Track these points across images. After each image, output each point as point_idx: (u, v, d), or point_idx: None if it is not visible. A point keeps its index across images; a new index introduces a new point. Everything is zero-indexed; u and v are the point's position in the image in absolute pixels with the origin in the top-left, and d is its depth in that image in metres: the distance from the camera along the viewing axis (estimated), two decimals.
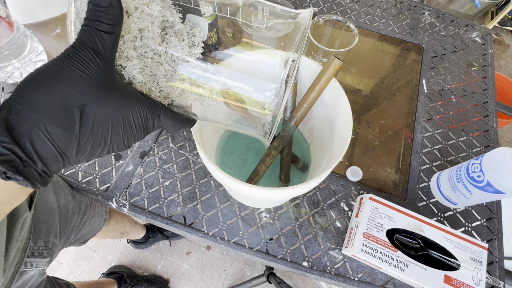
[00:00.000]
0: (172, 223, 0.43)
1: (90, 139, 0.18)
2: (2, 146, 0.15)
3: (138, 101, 0.20)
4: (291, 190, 0.28)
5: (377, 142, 0.54)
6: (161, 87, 0.22)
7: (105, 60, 0.18)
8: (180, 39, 0.21)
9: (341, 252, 0.43)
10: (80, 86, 0.17)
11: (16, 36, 0.49)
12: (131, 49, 0.20)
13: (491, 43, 0.67)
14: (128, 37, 0.20)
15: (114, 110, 0.18)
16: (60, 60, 0.17)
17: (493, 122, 0.55)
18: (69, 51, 0.17)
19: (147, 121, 0.20)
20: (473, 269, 0.36)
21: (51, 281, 0.55)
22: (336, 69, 0.31)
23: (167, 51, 0.21)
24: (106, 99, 0.18)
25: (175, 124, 0.23)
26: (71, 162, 0.18)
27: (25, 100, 0.16)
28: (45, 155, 0.17)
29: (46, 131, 0.16)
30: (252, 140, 0.51)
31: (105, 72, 0.18)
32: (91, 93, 0.17)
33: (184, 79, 0.22)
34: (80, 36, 0.17)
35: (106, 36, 0.18)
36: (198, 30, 0.22)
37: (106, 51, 0.18)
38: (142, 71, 0.21)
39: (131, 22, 0.20)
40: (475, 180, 0.39)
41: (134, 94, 0.20)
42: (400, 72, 0.63)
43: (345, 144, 0.30)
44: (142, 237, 1.00)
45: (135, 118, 0.20)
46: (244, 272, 1.05)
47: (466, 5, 1.49)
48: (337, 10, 0.71)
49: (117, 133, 0.19)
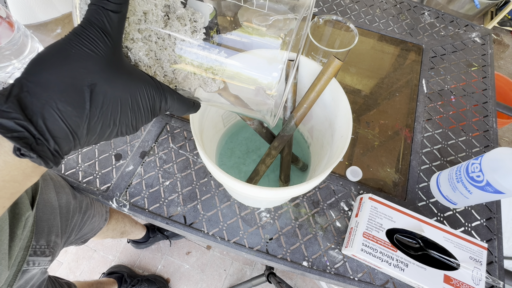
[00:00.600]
0: (172, 223, 0.43)
1: (100, 119, 0.18)
2: (16, 123, 0.15)
3: (146, 82, 0.20)
4: (291, 190, 0.28)
5: (377, 142, 0.54)
6: (165, 72, 0.22)
7: (112, 40, 0.18)
8: (182, 24, 0.21)
9: (341, 252, 0.43)
10: (89, 65, 0.17)
11: (16, 36, 0.49)
12: (136, 31, 0.20)
13: (490, 43, 0.67)
14: (133, 19, 0.20)
15: (122, 90, 0.18)
16: (69, 38, 0.17)
17: (492, 122, 0.55)
18: (77, 30, 0.17)
19: (154, 103, 0.21)
20: (473, 269, 0.36)
21: (52, 280, 0.55)
22: (336, 69, 0.31)
23: (170, 35, 0.21)
24: (115, 79, 0.18)
25: (181, 107, 0.23)
26: (81, 142, 0.18)
27: (37, 78, 0.16)
28: (57, 134, 0.17)
29: (57, 109, 0.16)
30: (252, 140, 0.51)
31: (113, 52, 0.18)
32: (100, 72, 0.17)
33: (187, 64, 0.22)
34: (88, 15, 0.18)
35: (113, 15, 0.18)
36: (200, 15, 0.22)
37: (114, 30, 0.18)
38: (147, 54, 0.21)
39: (136, 4, 0.20)
40: (474, 180, 0.39)
41: (141, 76, 0.20)
42: (400, 72, 0.63)
43: (345, 144, 0.30)
44: (143, 237, 1.00)
45: (143, 99, 0.20)
46: (244, 272, 1.05)
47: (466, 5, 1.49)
48: (337, 10, 0.71)
49: (125, 113, 0.19)
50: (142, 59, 0.21)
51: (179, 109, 0.23)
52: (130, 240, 1.04)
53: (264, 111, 0.25)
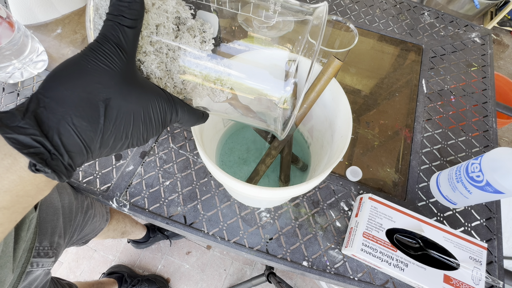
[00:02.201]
0: (172, 223, 0.43)
1: (113, 133, 0.18)
2: (32, 138, 0.16)
3: (158, 96, 0.20)
4: (291, 190, 0.28)
5: (377, 142, 0.54)
6: (175, 83, 0.23)
7: (127, 54, 0.18)
8: (192, 35, 0.22)
9: (341, 251, 0.43)
10: (104, 80, 0.17)
11: (16, 36, 0.49)
12: (148, 44, 0.21)
13: (490, 44, 0.67)
14: (146, 32, 0.20)
15: (135, 103, 0.19)
16: (85, 54, 0.17)
17: (492, 122, 0.55)
18: (93, 46, 0.18)
19: (165, 116, 0.21)
20: (473, 268, 0.36)
21: (54, 281, 0.55)
22: (336, 69, 0.32)
23: (180, 47, 0.21)
24: (128, 93, 0.18)
25: (191, 119, 0.23)
26: (94, 155, 0.19)
27: (53, 93, 0.16)
28: (71, 148, 0.17)
29: (73, 124, 0.17)
30: (252, 140, 0.52)
31: (127, 66, 0.18)
32: (115, 86, 0.18)
33: (196, 75, 0.22)
34: (104, 31, 0.18)
35: (128, 31, 0.18)
36: (209, 26, 0.22)
37: (129, 45, 0.18)
38: (159, 66, 0.21)
39: (149, 18, 0.20)
40: (474, 180, 0.39)
41: (154, 89, 0.20)
42: (400, 72, 0.63)
43: (345, 144, 0.30)
44: (143, 237, 1.00)
45: (154, 112, 0.20)
46: (244, 271, 1.05)
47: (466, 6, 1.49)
48: (337, 10, 0.71)
49: (137, 127, 0.19)
50: (154, 72, 0.21)
51: (189, 120, 0.23)
52: (130, 240, 1.04)
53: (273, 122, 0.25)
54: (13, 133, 0.15)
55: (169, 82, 0.22)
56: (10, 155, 0.16)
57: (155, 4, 0.20)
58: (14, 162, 0.16)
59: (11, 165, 0.16)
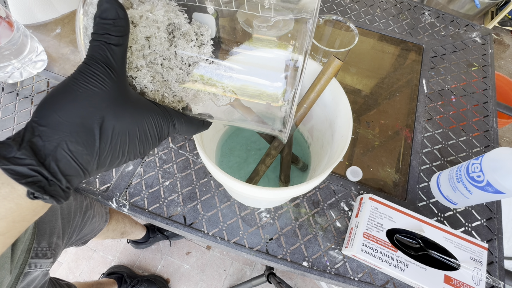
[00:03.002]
0: (172, 223, 0.43)
1: (109, 153, 0.18)
2: (30, 168, 0.16)
3: (152, 112, 0.20)
4: (291, 190, 0.28)
5: (377, 142, 0.54)
6: (174, 92, 0.22)
7: (117, 73, 0.18)
8: (188, 40, 0.21)
9: (341, 252, 0.43)
10: (96, 102, 0.17)
11: (16, 36, 0.49)
12: (140, 59, 0.20)
13: (491, 43, 0.67)
14: (136, 47, 0.20)
15: (130, 122, 0.19)
16: (74, 78, 0.17)
17: (493, 122, 0.55)
18: (82, 68, 0.18)
19: (161, 130, 0.21)
20: (473, 269, 0.36)
21: (53, 282, 0.55)
22: (336, 69, 0.31)
23: (176, 55, 0.21)
24: (122, 112, 0.18)
25: (190, 129, 0.23)
26: (91, 175, 0.19)
27: (46, 121, 0.17)
28: (69, 172, 0.17)
29: (69, 150, 0.17)
30: (252, 140, 0.51)
31: (118, 85, 0.18)
32: (107, 108, 0.18)
33: (197, 80, 0.22)
34: (91, 51, 0.18)
35: (116, 49, 0.18)
36: (206, 28, 0.22)
37: (118, 63, 0.18)
38: (153, 79, 0.21)
39: (137, 32, 0.19)
40: (475, 180, 0.39)
41: (147, 105, 0.20)
42: (400, 72, 0.63)
43: (345, 144, 0.30)
44: (142, 237, 1.00)
45: (150, 128, 0.20)
46: (244, 272, 1.05)
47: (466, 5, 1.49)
48: (337, 10, 0.71)
49: (133, 144, 0.19)
50: (148, 86, 0.21)
51: (188, 130, 0.23)
52: (130, 240, 1.04)
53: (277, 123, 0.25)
54: (10, 165, 0.16)
55: (167, 92, 0.22)
56: (8, 184, 0.16)
57: (143, 16, 0.19)
58: (11, 191, 0.16)
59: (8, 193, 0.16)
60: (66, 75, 0.57)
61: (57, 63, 0.59)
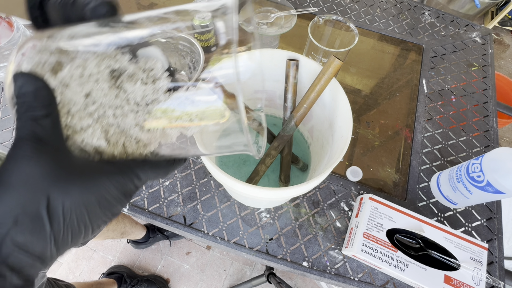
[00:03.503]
0: (172, 223, 0.43)
1: (67, 232, 0.17)
2: None
3: (107, 174, 0.18)
4: (291, 190, 0.28)
5: (377, 142, 0.54)
6: (136, 138, 0.20)
7: (51, 146, 0.16)
8: (137, 80, 0.19)
9: (341, 252, 0.43)
10: (35, 185, 0.16)
11: (16, 36, 0.49)
12: (85, 118, 0.18)
13: (491, 43, 0.67)
14: (75, 108, 0.18)
15: (81, 193, 0.17)
16: (4, 166, 0.16)
17: (493, 122, 0.55)
18: (10, 153, 0.16)
19: (124, 188, 0.19)
20: (473, 269, 0.36)
21: (51, 283, 0.55)
22: (336, 69, 0.31)
23: (128, 99, 0.19)
24: (68, 186, 0.17)
25: (159, 173, 0.21)
26: (54, 258, 0.17)
27: None
28: (22, 266, 0.16)
29: (17, 243, 0.15)
30: (252, 140, 0.51)
31: (56, 158, 0.17)
32: (50, 186, 0.16)
33: (160, 117, 0.20)
34: (17, 132, 0.16)
35: (43, 121, 0.16)
36: (154, 62, 0.20)
37: (50, 135, 0.16)
38: (105, 134, 0.19)
39: (72, 93, 0.17)
40: (475, 180, 0.39)
41: (98, 168, 0.18)
42: (400, 72, 0.63)
43: (345, 144, 0.30)
44: (142, 237, 1.00)
45: (109, 192, 0.18)
46: (244, 272, 1.05)
47: (466, 5, 1.49)
48: (337, 10, 0.71)
49: (95, 214, 0.18)
50: (100, 143, 0.19)
51: (156, 176, 0.21)
52: (130, 240, 1.04)
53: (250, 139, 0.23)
54: None
55: (129, 141, 0.20)
56: None
57: (74, 74, 0.18)
58: None
59: None
60: None
61: None
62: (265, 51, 0.36)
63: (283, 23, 0.53)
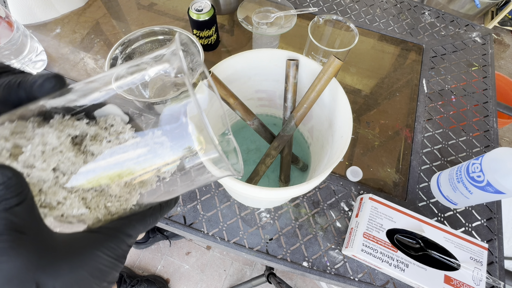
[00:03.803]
0: (172, 223, 0.43)
1: None
2: None
3: (95, 244, 0.17)
4: (291, 190, 0.28)
5: (377, 142, 0.54)
6: (116, 195, 0.20)
7: (31, 230, 0.16)
8: (101, 140, 0.19)
9: (341, 252, 0.43)
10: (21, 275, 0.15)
11: (16, 36, 0.49)
12: (59, 191, 0.18)
13: (491, 43, 0.67)
14: (46, 185, 0.17)
15: (72, 272, 0.16)
16: None
17: (493, 122, 0.55)
18: None
19: (116, 251, 0.18)
20: (473, 269, 0.36)
21: None
22: (336, 69, 0.31)
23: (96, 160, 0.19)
24: (56, 270, 0.16)
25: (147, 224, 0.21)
26: None
27: None
28: None
29: None
30: (252, 140, 0.51)
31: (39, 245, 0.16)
32: (36, 271, 0.15)
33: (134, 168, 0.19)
34: None
35: (18, 209, 0.16)
36: (113, 118, 0.20)
37: (27, 221, 0.16)
38: (84, 202, 0.18)
39: (39, 172, 0.17)
40: (475, 180, 0.39)
41: (84, 240, 0.18)
42: (400, 72, 0.63)
43: (345, 144, 0.30)
44: (142, 237, 1.00)
45: (101, 262, 0.18)
46: (244, 272, 1.05)
47: (466, 5, 1.49)
48: (337, 10, 0.71)
49: (89, 285, 0.17)
50: (80, 212, 0.18)
51: (146, 228, 0.21)
52: None
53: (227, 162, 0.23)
54: None
55: (110, 201, 0.19)
56: None
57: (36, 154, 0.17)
58: None
59: None
60: (66, 75, 0.57)
61: (56, 63, 0.59)
62: (265, 51, 0.36)
63: (283, 23, 0.53)
